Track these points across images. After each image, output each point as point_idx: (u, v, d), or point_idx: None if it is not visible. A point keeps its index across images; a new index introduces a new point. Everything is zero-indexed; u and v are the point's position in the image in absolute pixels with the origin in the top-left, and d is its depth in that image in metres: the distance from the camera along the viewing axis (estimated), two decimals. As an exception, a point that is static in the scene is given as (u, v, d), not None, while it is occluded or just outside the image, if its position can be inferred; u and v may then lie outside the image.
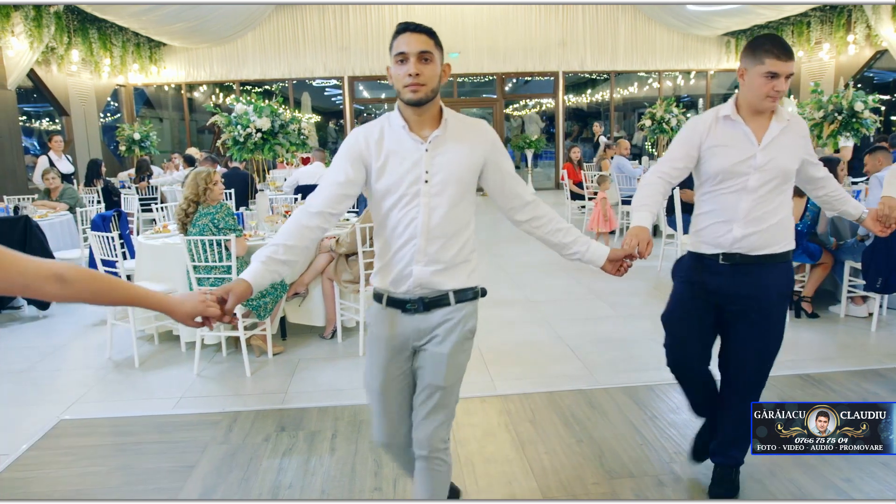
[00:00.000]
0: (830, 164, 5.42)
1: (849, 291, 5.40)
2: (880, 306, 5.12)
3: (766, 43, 2.45)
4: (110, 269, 4.96)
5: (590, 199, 9.62)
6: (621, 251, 2.33)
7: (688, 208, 4.88)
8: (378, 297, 2.19)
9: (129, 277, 4.96)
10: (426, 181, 2.05)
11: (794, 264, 5.40)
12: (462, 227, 2.13)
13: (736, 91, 2.64)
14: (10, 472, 3.27)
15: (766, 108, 2.51)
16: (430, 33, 2.04)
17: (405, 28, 2.03)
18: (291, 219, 2.09)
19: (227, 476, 3.15)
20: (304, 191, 8.35)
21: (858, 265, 5.08)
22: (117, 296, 1.67)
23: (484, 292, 2.22)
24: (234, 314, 1.74)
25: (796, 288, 5.52)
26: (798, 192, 5.47)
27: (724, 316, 2.71)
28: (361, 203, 8.11)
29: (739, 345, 2.69)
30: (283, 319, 5.20)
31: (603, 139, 13.91)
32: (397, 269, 2.11)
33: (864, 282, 5.09)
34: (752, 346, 2.67)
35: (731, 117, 2.56)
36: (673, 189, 3.62)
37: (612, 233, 8.94)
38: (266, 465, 3.24)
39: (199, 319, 1.82)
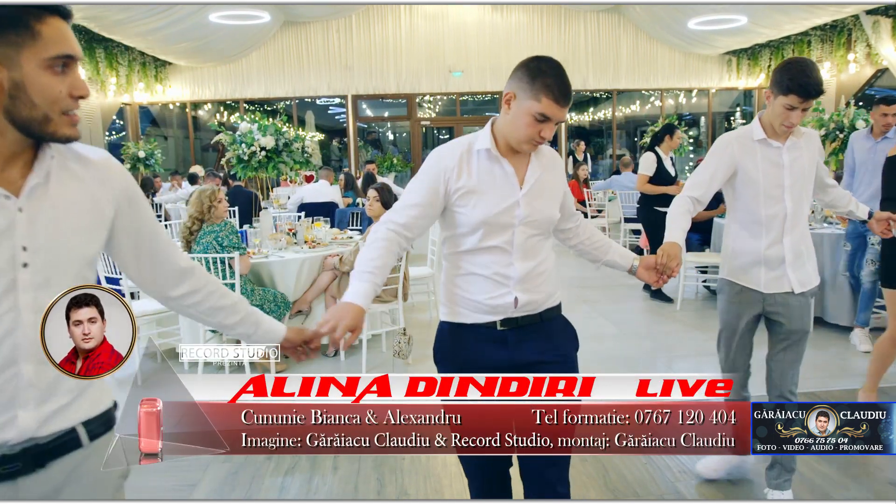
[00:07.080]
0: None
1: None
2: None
3: None
4: (115, 287, 4.97)
5: (593, 217, 9.68)
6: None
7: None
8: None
9: (132, 295, 4.97)
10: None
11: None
12: None
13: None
14: (11, 490, 3.26)
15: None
16: None
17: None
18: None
19: (230, 495, 3.14)
20: (308, 209, 8.37)
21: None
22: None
23: None
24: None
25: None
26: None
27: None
28: (365, 221, 8.13)
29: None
30: (285, 337, 5.18)
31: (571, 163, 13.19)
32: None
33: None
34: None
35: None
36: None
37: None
38: (268, 484, 3.23)
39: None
